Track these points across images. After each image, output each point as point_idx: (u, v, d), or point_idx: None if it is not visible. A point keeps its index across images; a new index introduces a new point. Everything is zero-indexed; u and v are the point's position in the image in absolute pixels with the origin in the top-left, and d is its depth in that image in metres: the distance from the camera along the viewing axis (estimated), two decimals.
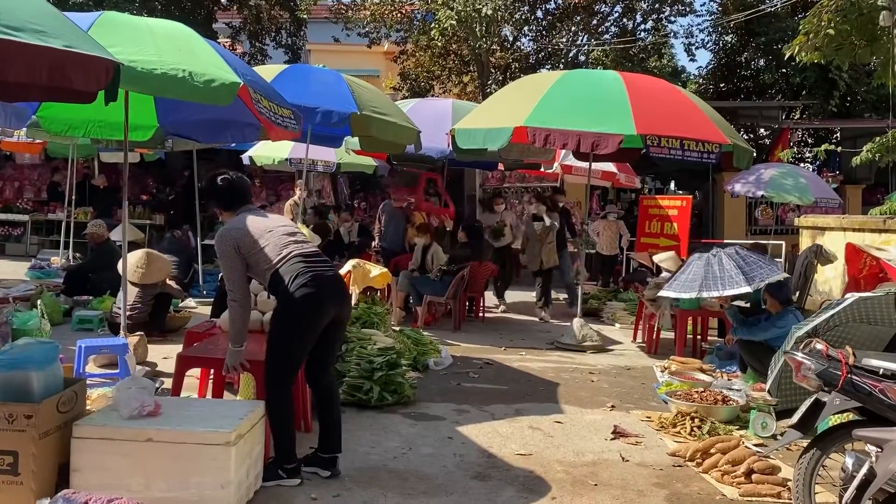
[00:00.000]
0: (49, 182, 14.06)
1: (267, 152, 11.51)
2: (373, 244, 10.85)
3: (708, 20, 20.07)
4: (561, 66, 17.99)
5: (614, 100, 6.75)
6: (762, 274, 5.91)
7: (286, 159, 11.71)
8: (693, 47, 21.17)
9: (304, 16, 19.24)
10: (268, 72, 7.20)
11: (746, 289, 5.88)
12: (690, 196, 13.07)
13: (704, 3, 42.65)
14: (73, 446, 3.11)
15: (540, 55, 18.57)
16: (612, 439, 4.65)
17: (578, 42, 18.67)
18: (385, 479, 3.83)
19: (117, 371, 5.02)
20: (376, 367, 5.19)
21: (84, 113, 6.35)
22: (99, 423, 3.12)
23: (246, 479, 3.34)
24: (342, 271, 6.35)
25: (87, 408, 3.43)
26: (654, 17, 18.68)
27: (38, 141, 11.09)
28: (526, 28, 18.27)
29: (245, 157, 12.16)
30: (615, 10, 18.60)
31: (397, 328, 7.15)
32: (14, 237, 13.34)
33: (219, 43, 6.44)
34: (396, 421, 4.84)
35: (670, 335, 7.49)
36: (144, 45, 4.70)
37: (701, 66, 39.02)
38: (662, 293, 6.60)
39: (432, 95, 17.90)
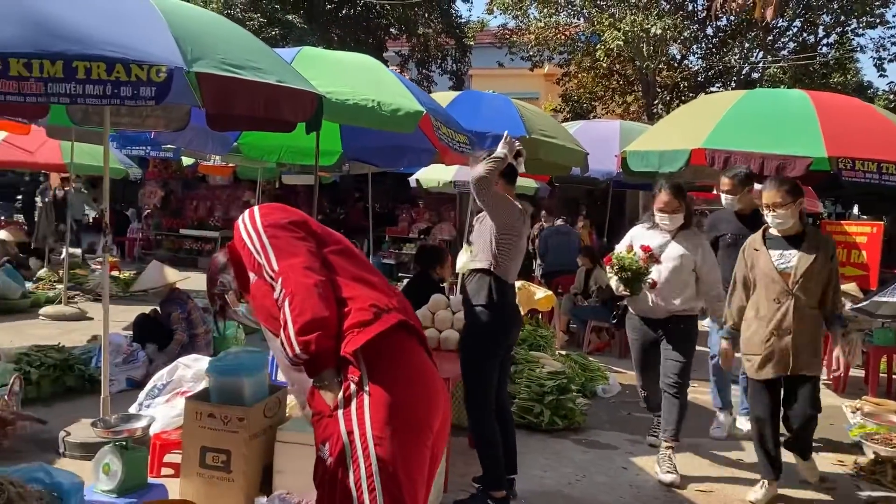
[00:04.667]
0: (241, 202, 15.36)
1: (433, 175, 11.92)
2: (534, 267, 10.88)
3: None
4: (732, 84, 17.23)
5: (802, 120, 6.35)
6: None
7: (451, 182, 12.06)
8: (885, 61, 19.49)
9: (471, 42, 19.78)
10: (442, 98, 7.47)
11: None
12: (882, 222, 12.01)
13: None
14: (276, 449, 3.36)
15: (709, 73, 17.89)
16: (800, 480, 4.35)
17: (752, 59, 17.79)
18: None
19: None
20: (547, 391, 5.19)
21: (277, 140, 6.90)
22: (301, 428, 3.35)
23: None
24: None
25: (287, 414, 3.69)
26: (839, 30, 17.43)
27: (229, 164, 12.18)
28: (695, 46, 17.70)
29: (412, 180, 12.65)
30: (794, 24, 17.56)
31: (563, 352, 7.10)
32: (206, 252, 14.63)
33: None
34: (568, 446, 4.81)
35: (860, 374, 6.92)
36: (338, 78, 5.04)
37: (892, 82, 35.79)
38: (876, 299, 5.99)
39: (594, 116, 17.77)
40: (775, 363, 4.01)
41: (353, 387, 2.03)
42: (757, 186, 9.78)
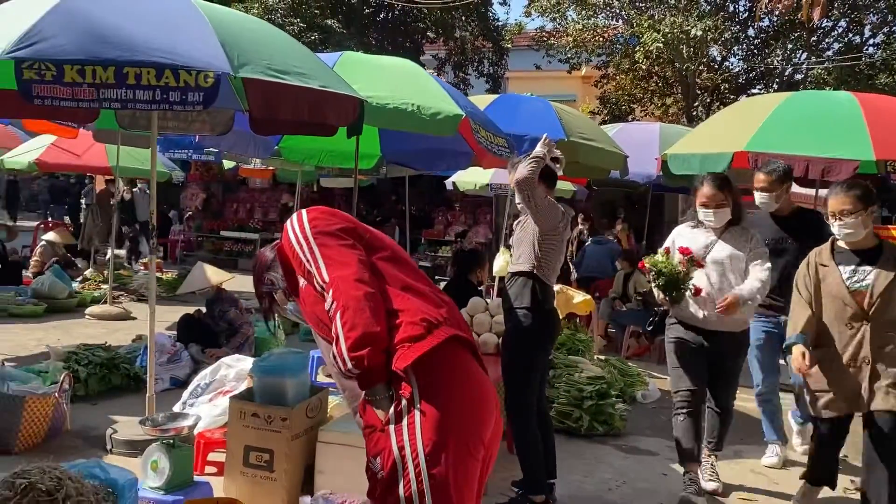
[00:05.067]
0: (280, 204, 15.57)
1: (469, 178, 11.94)
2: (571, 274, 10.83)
3: None
4: (775, 86, 16.93)
5: (848, 122, 6.21)
6: None
7: (487, 184, 12.06)
8: None
9: (508, 45, 19.74)
10: (480, 101, 7.46)
11: None
12: None
13: None
14: (318, 450, 3.40)
15: (751, 75, 17.60)
16: (855, 488, 4.25)
17: (795, 60, 17.45)
18: None
19: None
20: (586, 396, 5.16)
21: (318, 143, 6.97)
22: (342, 429, 3.39)
23: None
24: None
25: (328, 414, 3.73)
26: (886, 30, 17.01)
27: (269, 168, 12.35)
28: (736, 47, 17.43)
29: (448, 183, 12.68)
30: (839, 25, 17.17)
31: (602, 357, 7.05)
32: (246, 253, 14.86)
33: None
34: (608, 452, 4.77)
35: None
36: (378, 82, 5.09)
37: None
38: None
39: (632, 118, 17.60)
40: (848, 400, 3.47)
41: (404, 403, 2.02)
42: (797, 190, 9.61)
